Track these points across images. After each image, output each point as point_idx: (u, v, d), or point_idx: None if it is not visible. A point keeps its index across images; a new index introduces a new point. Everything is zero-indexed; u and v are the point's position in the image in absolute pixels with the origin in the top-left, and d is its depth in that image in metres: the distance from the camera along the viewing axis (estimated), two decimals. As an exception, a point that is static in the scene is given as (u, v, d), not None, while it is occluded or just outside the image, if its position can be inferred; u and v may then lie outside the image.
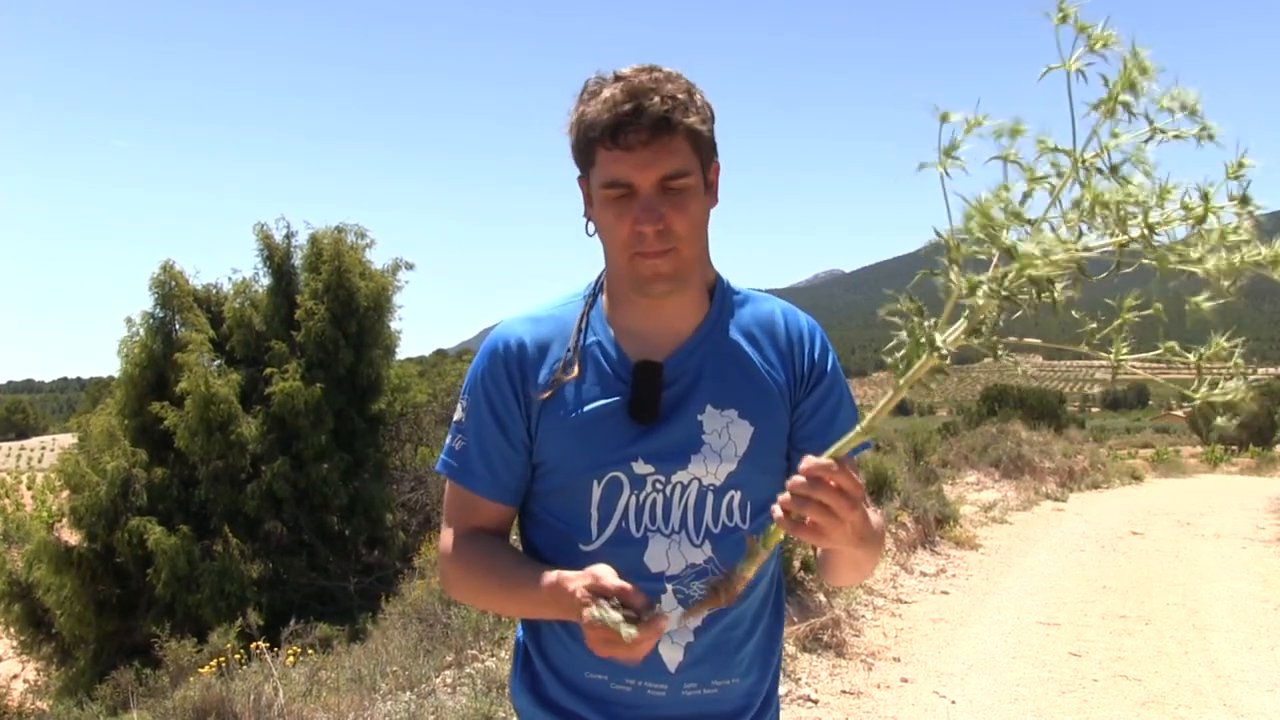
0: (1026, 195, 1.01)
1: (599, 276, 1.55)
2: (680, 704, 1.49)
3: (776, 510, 1.21)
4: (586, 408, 1.47)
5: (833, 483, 1.18)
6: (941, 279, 1.03)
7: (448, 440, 1.55)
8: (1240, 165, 0.94)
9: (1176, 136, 0.97)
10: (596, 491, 1.46)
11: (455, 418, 1.55)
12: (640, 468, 1.45)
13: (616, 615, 1.23)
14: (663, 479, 1.46)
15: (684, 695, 1.49)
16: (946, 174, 1.02)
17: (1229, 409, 0.97)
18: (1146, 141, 0.97)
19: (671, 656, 1.48)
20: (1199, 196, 0.95)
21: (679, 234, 1.40)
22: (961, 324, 1.05)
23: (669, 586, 1.46)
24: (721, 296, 1.54)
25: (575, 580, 1.32)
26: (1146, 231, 0.96)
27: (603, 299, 1.54)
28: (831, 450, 1.18)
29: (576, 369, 1.48)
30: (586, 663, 1.49)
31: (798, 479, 1.19)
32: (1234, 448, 35.41)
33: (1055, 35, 0.99)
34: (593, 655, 1.48)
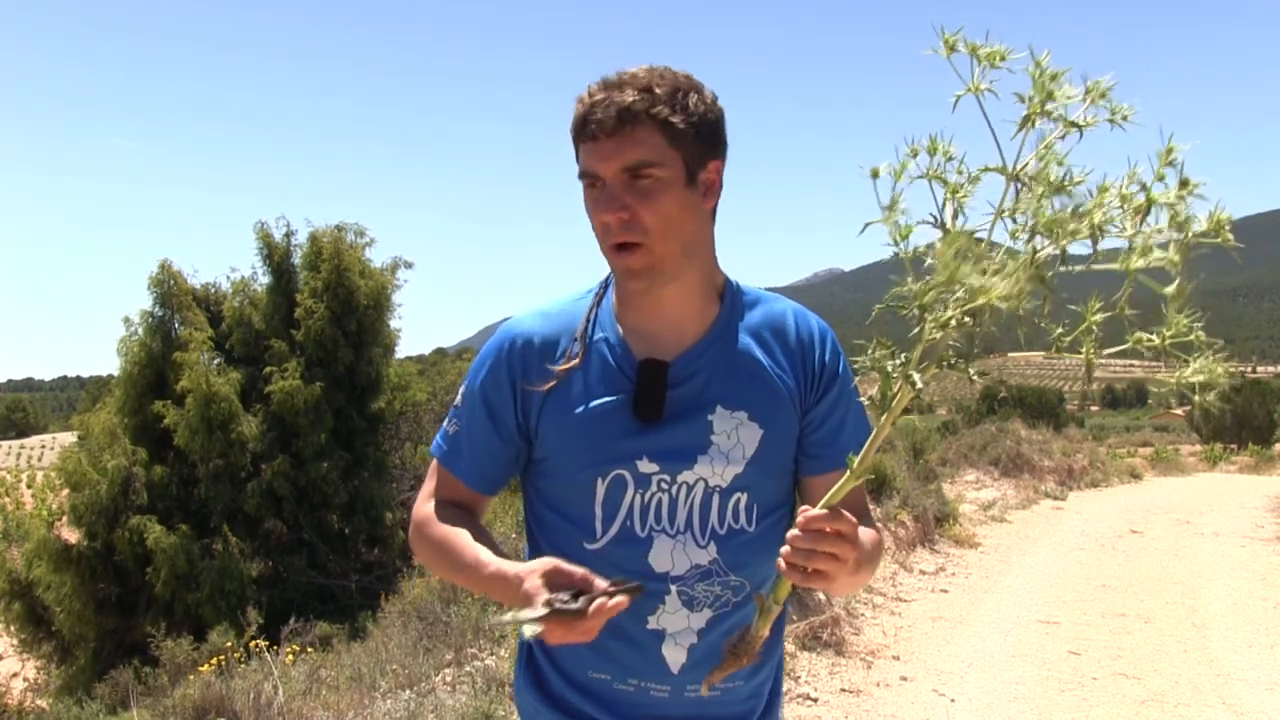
0: (957, 212, 1.03)
1: (609, 274, 1.54)
2: (682, 705, 1.49)
3: (782, 564, 1.25)
4: (591, 404, 1.46)
5: (829, 529, 1.22)
6: (913, 317, 1.06)
7: (444, 424, 1.58)
8: (1170, 151, 0.95)
9: (1075, 125, 0.98)
10: (600, 489, 1.46)
11: (454, 402, 1.58)
12: (645, 466, 1.45)
13: (522, 614, 1.27)
14: (668, 479, 1.45)
15: (686, 696, 1.49)
16: (898, 231, 1.04)
17: (1206, 387, 0.97)
18: (1064, 136, 0.99)
19: (674, 658, 1.48)
20: (1138, 187, 0.96)
21: (646, 226, 1.38)
22: (933, 355, 1.08)
23: (673, 587, 1.46)
24: (731, 299, 1.53)
25: (529, 574, 1.32)
26: (1096, 233, 0.97)
27: (611, 296, 1.53)
28: (826, 499, 1.22)
29: (580, 358, 1.47)
30: (590, 661, 1.49)
31: (797, 534, 1.23)
32: (1233, 446, 35.41)
33: (951, 64, 1.01)
34: (596, 654, 1.48)
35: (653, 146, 1.37)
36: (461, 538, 1.48)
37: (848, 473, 1.19)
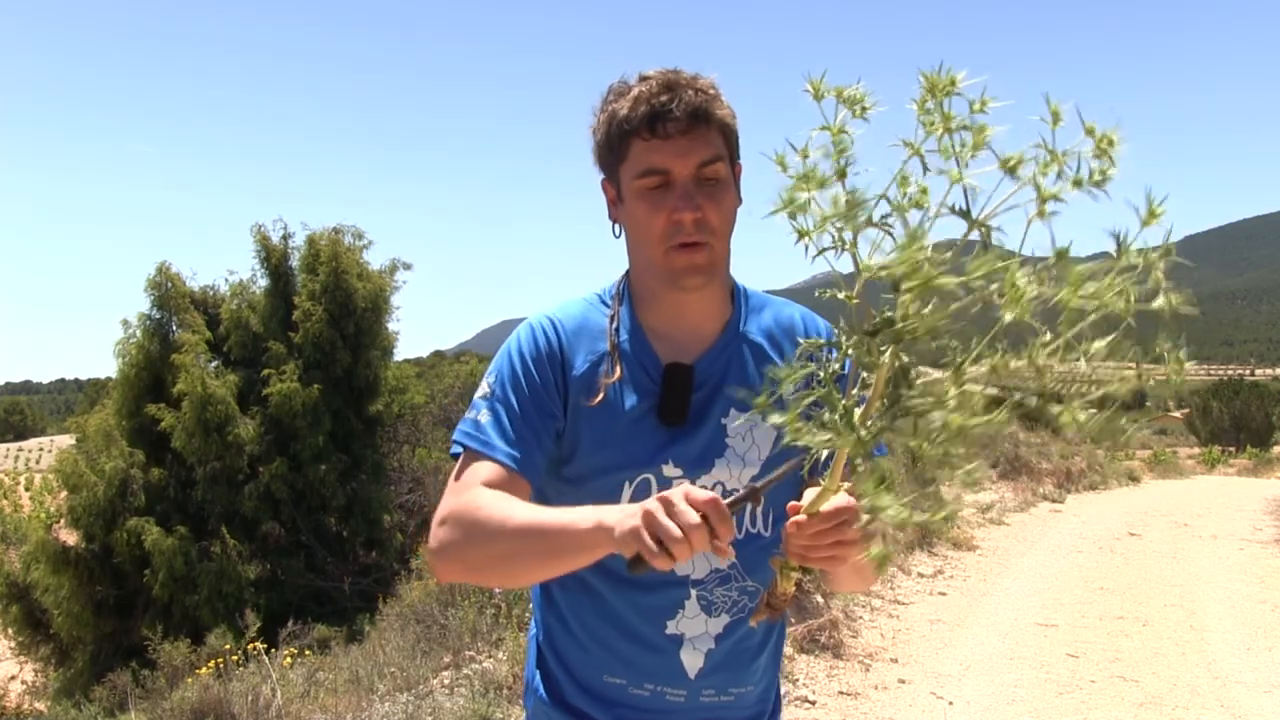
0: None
1: (621, 279, 1.54)
2: (697, 710, 1.49)
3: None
4: (619, 407, 1.45)
5: (826, 528, 1.19)
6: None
7: (470, 415, 1.45)
8: (1153, 214, 0.89)
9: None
10: (627, 492, 1.45)
11: (481, 393, 1.47)
12: (670, 471, 1.44)
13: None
14: (689, 483, 1.46)
15: (701, 701, 1.49)
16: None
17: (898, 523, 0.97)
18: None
19: (692, 663, 1.48)
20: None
21: (713, 226, 1.40)
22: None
23: (693, 592, 1.47)
24: (742, 300, 1.55)
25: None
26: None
27: (628, 299, 1.53)
28: (808, 505, 1.20)
29: (619, 370, 1.46)
30: (605, 666, 1.49)
31: (794, 537, 1.21)
32: (1231, 449, 35.45)
33: (820, 109, 1.01)
34: (612, 658, 1.48)
35: (717, 147, 1.41)
36: (522, 501, 1.36)
37: (825, 484, 1.18)
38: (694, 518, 1.12)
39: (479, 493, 1.36)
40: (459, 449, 1.45)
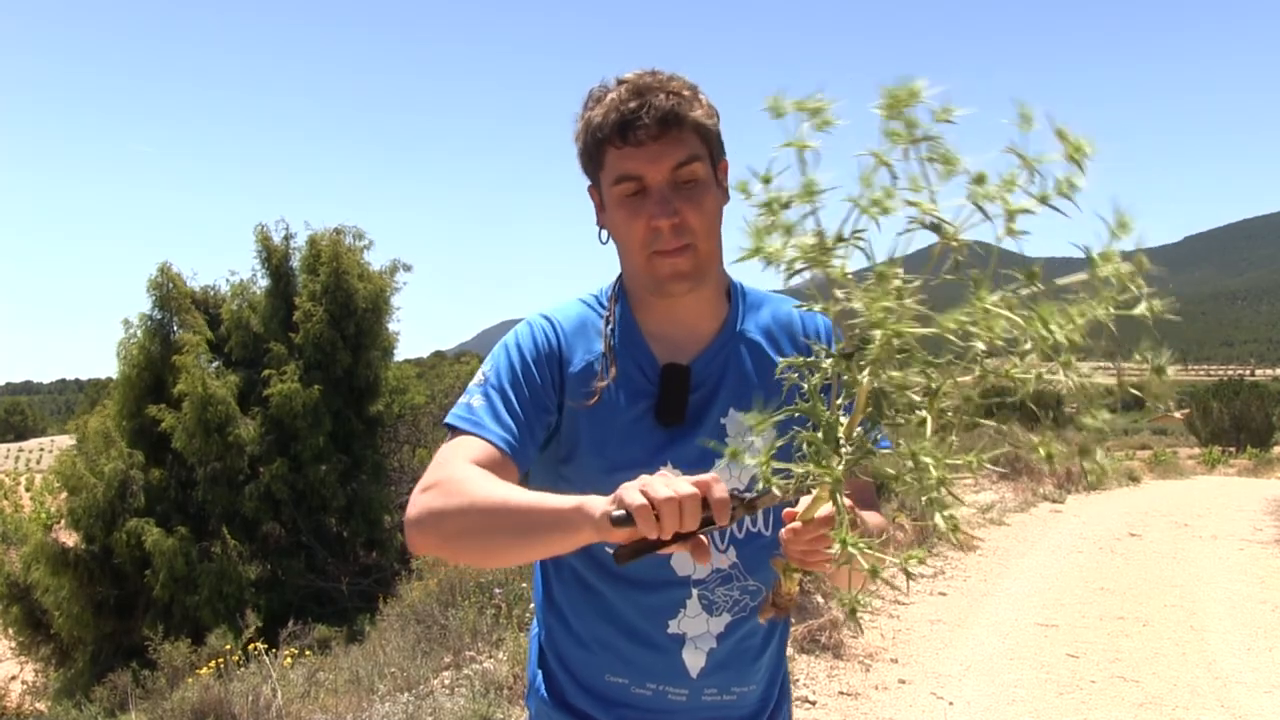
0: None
1: (617, 281, 1.54)
2: (699, 709, 1.50)
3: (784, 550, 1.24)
4: (616, 408, 1.45)
5: (819, 534, 1.19)
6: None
7: (463, 400, 1.44)
8: (1123, 226, 0.88)
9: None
10: None
11: (475, 380, 1.46)
12: (669, 472, 1.45)
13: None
14: None
15: (703, 700, 1.50)
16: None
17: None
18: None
19: (694, 662, 1.48)
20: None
21: (694, 228, 1.39)
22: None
23: (695, 591, 1.47)
24: (738, 298, 1.55)
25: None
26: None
27: (624, 300, 1.53)
28: (801, 512, 1.20)
29: (614, 370, 1.46)
30: (608, 665, 1.49)
31: (790, 543, 1.22)
32: (1231, 449, 35.46)
33: (783, 126, 0.99)
34: (614, 658, 1.48)
35: (692, 148, 1.40)
36: (511, 484, 1.33)
37: (815, 493, 1.18)
38: (688, 487, 1.11)
39: (465, 467, 1.34)
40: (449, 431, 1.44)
